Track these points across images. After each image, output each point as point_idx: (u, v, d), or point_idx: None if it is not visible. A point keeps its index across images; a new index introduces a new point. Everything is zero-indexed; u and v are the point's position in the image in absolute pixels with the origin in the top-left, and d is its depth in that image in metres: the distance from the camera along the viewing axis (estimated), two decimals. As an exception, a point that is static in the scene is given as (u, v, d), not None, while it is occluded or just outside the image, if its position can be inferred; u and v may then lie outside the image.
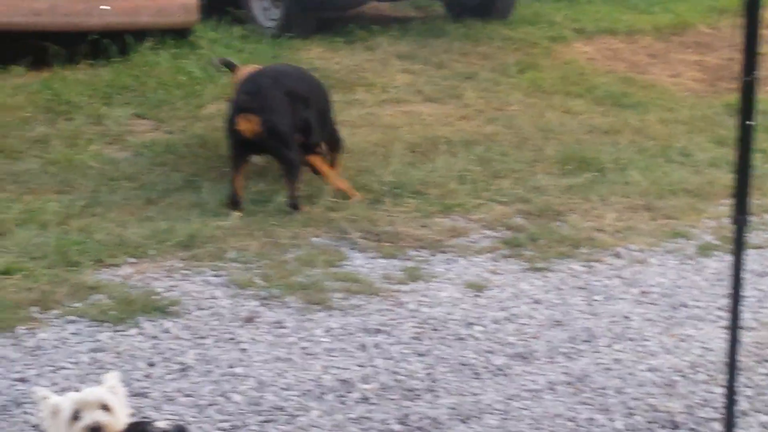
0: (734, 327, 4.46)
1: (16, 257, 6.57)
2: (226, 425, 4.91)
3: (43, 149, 8.54)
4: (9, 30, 9.98)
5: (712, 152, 9.48)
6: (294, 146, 7.67)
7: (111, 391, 4.05)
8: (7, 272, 6.35)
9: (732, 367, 4.55)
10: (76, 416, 3.92)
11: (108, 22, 10.31)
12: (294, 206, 7.54)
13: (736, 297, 4.49)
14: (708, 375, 5.56)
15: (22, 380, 5.20)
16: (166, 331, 5.82)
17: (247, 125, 7.48)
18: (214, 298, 6.26)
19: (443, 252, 7.15)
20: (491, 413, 5.12)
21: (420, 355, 5.69)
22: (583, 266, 7.02)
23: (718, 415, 5.05)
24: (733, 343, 4.51)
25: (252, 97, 7.57)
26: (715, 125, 10.38)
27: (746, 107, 4.34)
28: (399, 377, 5.43)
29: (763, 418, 5.15)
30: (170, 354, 5.55)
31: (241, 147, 7.63)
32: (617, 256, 7.23)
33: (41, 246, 6.72)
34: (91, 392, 4.03)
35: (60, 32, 10.20)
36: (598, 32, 13.55)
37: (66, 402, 3.96)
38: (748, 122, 4.35)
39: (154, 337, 5.73)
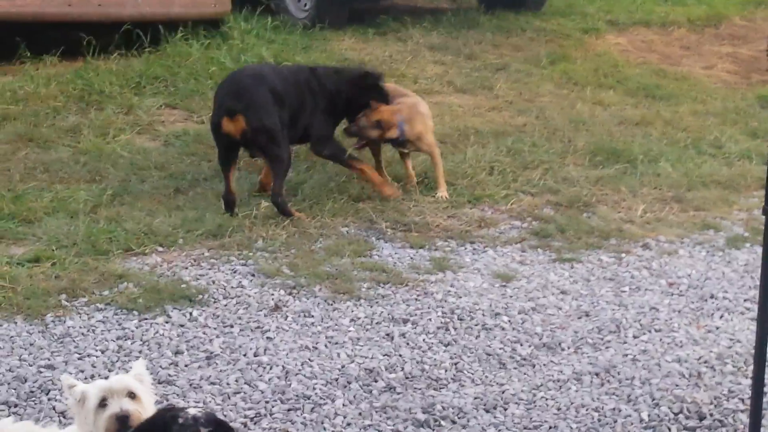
0: (763, 318, 4.42)
1: (45, 245, 6.61)
2: (251, 413, 4.92)
3: (74, 138, 8.58)
4: (42, 20, 10.03)
5: (744, 144, 9.45)
6: (283, 143, 7.44)
7: (137, 378, 4.06)
8: (36, 260, 6.40)
9: (760, 358, 4.52)
10: (102, 404, 3.93)
11: (141, 13, 10.34)
12: (277, 204, 7.33)
13: (765, 288, 4.45)
14: (735, 366, 5.53)
15: (50, 367, 5.23)
16: (193, 319, 5.84)
17: (233, 126, 7.32)
18: (241, 287, 6.28)
19: (471, 242, 7.15)
20: (516, 403, 5.11)
21: (446, 344, 5.69)
22: (612, 257, 7.01)
23: (744, 407, 5.03)
24: (762, 334, 4.47)
25: (236, 98, 7.35)
26: (748, 117, 10.37)
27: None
28: (425, 367, 5.43)
29: (791, 410, 5.13)
30: (197, 342, 5.57)
31: (228, 147, 7.46)
32: (646, 247, 7.21)
33: (70, 234, 6.75)
34: (118, 380, 4.05)
35: (92, 22, 10.23)
36: (632, 24, 13.51)
37: (93, 389, 3.97)
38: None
39: (181, 326, 5.75)
